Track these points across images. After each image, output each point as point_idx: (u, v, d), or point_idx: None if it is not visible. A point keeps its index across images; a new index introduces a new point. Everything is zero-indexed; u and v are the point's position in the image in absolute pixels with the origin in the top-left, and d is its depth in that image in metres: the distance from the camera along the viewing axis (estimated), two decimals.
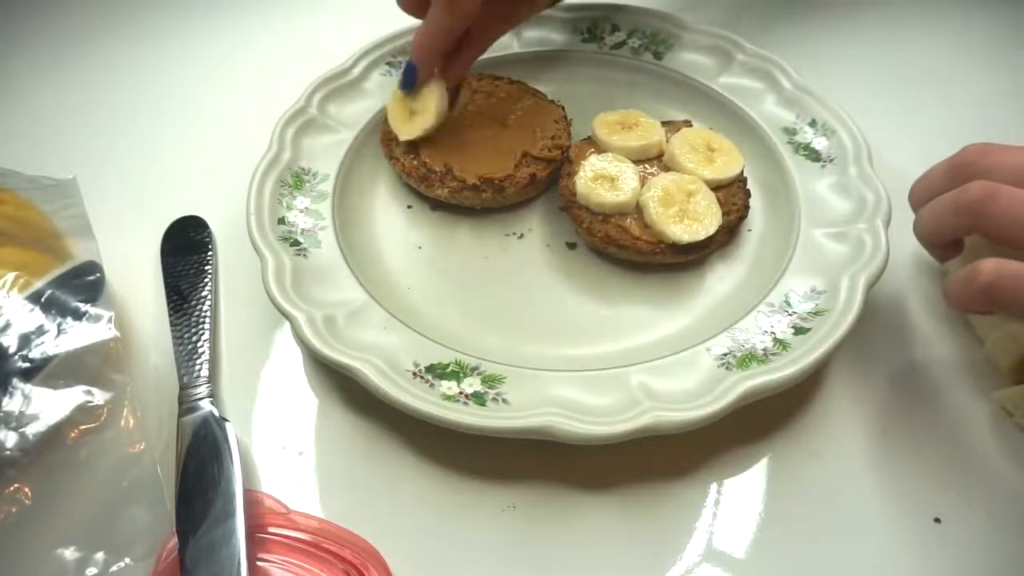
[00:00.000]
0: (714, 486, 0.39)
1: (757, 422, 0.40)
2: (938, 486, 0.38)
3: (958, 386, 0.42)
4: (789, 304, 0.42)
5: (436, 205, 0.49)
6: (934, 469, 0.39)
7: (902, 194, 0.42)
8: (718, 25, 0.56)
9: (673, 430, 0.36)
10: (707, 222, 0.44)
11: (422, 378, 0.39)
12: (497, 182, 0.47)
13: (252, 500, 0.37)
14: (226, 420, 0.39)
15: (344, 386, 0.42)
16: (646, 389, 0.38)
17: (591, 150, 0.48)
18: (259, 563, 0.35)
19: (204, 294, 0.45)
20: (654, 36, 0.56)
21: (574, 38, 0.57)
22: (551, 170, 0.49)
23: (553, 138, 0.50)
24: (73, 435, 0.37)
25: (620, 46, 0.57)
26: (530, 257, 0.47)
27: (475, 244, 0.47)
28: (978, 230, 0.36)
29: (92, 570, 0.34)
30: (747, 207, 0.47)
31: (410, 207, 0.49)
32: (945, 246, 0.40)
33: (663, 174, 0.46)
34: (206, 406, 0.39)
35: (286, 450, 0.40)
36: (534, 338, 0.42)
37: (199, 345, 0.42)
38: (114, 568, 0.34)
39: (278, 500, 0.38)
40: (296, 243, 0.44)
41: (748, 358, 0.39)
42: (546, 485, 0.39)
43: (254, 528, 0.36)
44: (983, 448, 0.39)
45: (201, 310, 0.44)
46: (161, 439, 0.39)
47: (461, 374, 0.39)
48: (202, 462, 0.37)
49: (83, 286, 0.40)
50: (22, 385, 0.37)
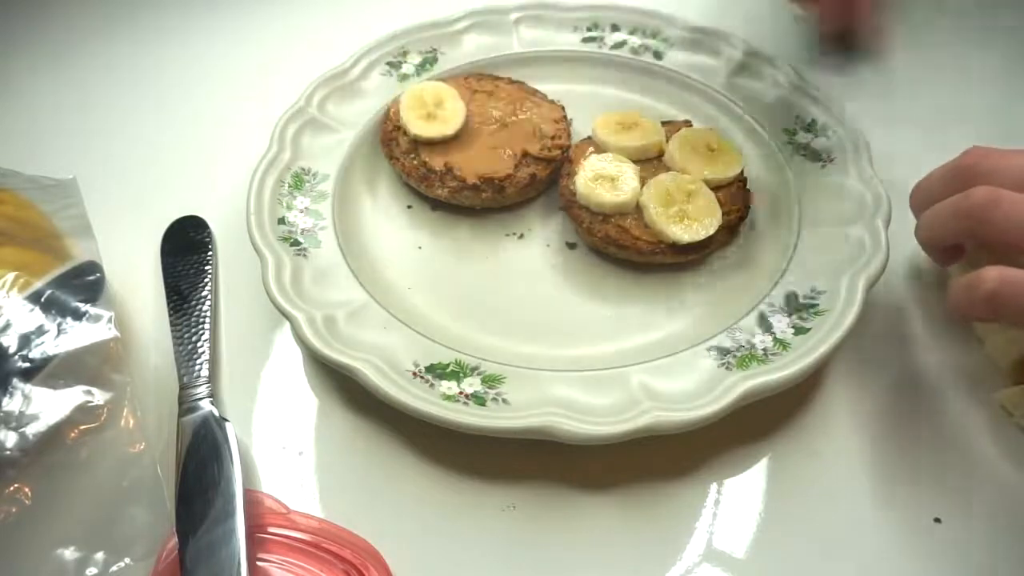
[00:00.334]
0: (714, 486, 0.39)
1: (757, 422, 0.40)
2: (938, 486, 0.38)
3: (958, 386, 0.42)
4: (789, 304, 0.42)
5: (436, 205, 0.49)
6: (934, 469, 0.39)
7: (902, 195, 0.42)
8: (718, 25, 0.56)
9: (673, 430, 0.36)
10: (707, 222, 0.44)
11: (422, 378, 0.39)
12: (497, 182, 0.47)
13: (252, 500, 0.37)
14: (226, 420, 0.39)
15: (344, 386, 0.42)
16: (646, 389, 0.38)
17: (591, 150, 0.48)
18: (259, 563, 0.35)
19: (204, 294, 0.45)
20: (654, 36, 0.56)
21: (574, 38, 0.57)
22: (551, 170, 0.49)
23: (553, 138, 0.50)
24: (73, 435, 0.37)
25: (620, 46, 0.57)
26: (530, 257, 0.47)
27: (475, 244, 0.47)
28: (980, 235, 0.35)
29: (92, 570, 0.34)
30: (747, 207, 0.47)
31: (410, 207, 0.49)
32: (946, 250, 0.39)
33: (663, 174, 0.46)
34: (206, 406, 0.39)
35: (286, 450, 0.40)
36: (534, 338, 0.42)
37: (199, 345, 0.42)
38: (114, 568, 0.34)
39: (278, 500, 0.38)
40: (296, 243, 0.44)
41: (748, 358, 0.39)
42: (546, 485, 0.39)
43: (254, 528, 0.36)
44: (983, 448, 0.39)
45: (201, 310, 0.44)
46: (161, 439, 0.39)
47: (461, 374, 0.39)
48: (202, 462, 0.37)
49: (83, 286, 0.40)
50: (22, 385, 0.37)
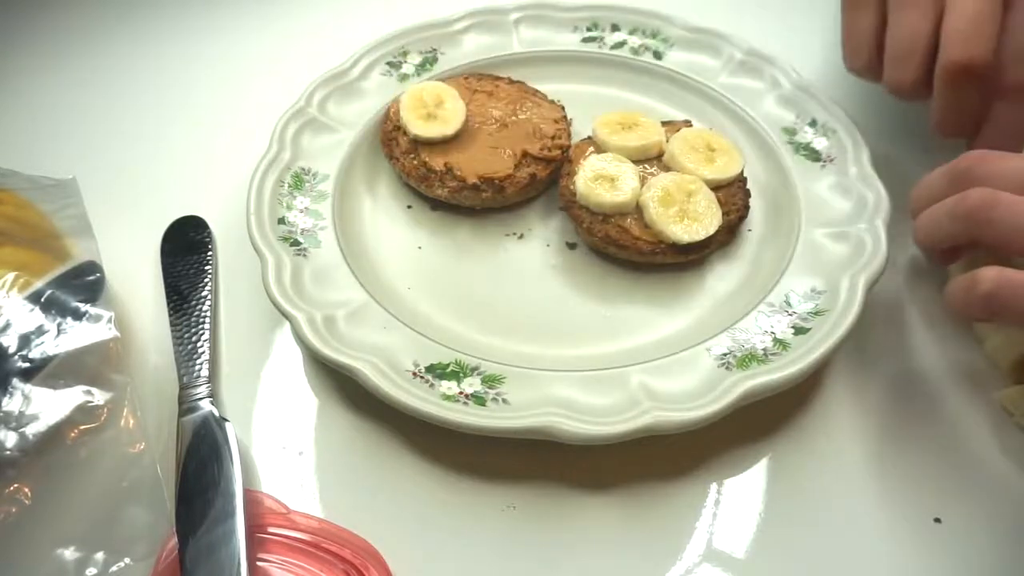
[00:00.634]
0: (714, 486, 0.39)
1: (757, 422, 0.40)
2: (938, 486, 0.38)
3: (958, 386, 0.42)
4: (789, 304, 0.42)
5: (436, 205, 0.49)
6: (934, 469, 0.39)
7: (902, 195, 0.42)
8: (719, 25, 0.56)
9: (673, 430, 0.36)
10: (707, 222, 0.44)
11: (422, 378, 0.39)
12: (497, 182, 0.47)
13: (252, 500, 0.37)
14: (226, 420, 0.39)
15: (344, 386, 0.42)
16: (646, 389, 0.38)
17: (591, 150, 0.48)
18: (259, 563, 0.35)
19: (204, 294, 0.45)
20: (654, 36, 0.56)
21: (574, 38, 0.57)
22: (551, 170, 0.49)
23: (553, 138, 0.50)
24: (73, 435, 0.37)
25: (620, 46, 0.57)
26: (530, 257, 0.47)
27: (475, 244, 0.47)
28: (977, 237, 0.36)
29: (92, 570, 0.34)
30: (747, 207, 0.47)
31: (410, 207, 0.49)
32: (944, 252, 0.40)
33: (663, 174, 0.46)
34: (206, 406, 0.39)
35: (286, 450, 0.40)
36: (534, 338, 0.42)
37: (199, 345, 0.42)
38: (114, 568, 0.34)
39: (278, 500, 0.38)
40: (296, 243, 0.44)
41: (748, 358, 0.39)
42: (546, 485, 0.39)
43: (254, 528, 0.36)
44: (983, 448, 0.39)
45: (201, 310, 0.44)
46: (161, 439, 0.39)
47: (461, 374, 0.39)
48: (202, 462, 0.37)
49: (83, 286, 0.40)
50: (22, 385, 0.37)
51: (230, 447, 0.37)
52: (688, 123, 0.51)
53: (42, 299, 0.39)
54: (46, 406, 0.36)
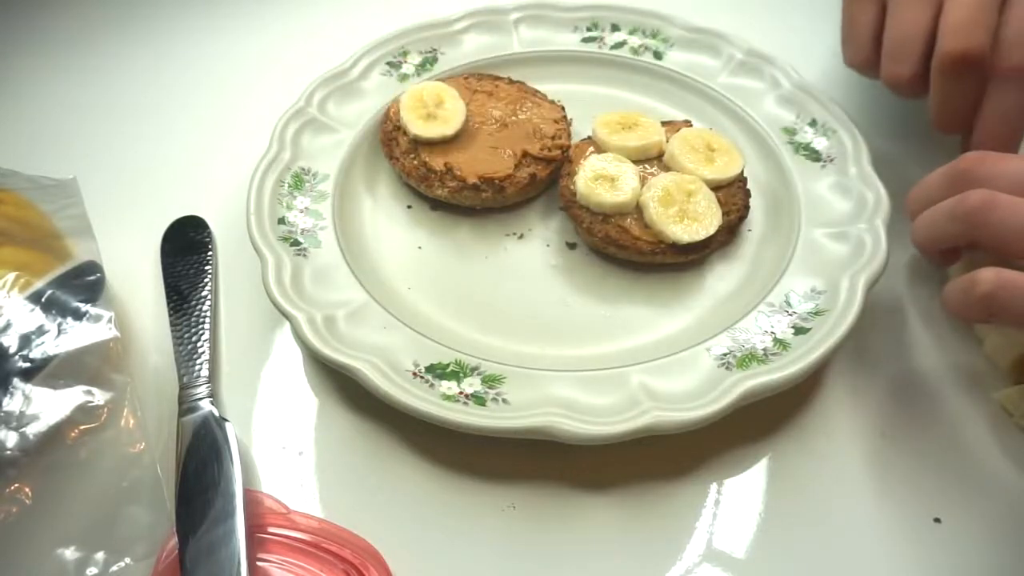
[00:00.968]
0: (714, 486, 0.39)
1: (757, 422, 0.40)
2: (938, 486, 0.38)
3: (958, 386, 0.42)
4: (789, 304, 0.42)
5: (436, 205, 0.49)
6: (934, 469, 0.39)
7: (902, 195, 0.42)
8: (719, 25, 0.56)
9: (673, 430, 0.36)
10: (707, 222, 0.44)
11: (422, 378, 0.39)
12: (497, 182, 0.47)
13: (252, 500, 0.37)
14: (226, 420, 0.39)
15: (344, 386, 0.42)
16: (646, 389, 0.38)
17: (591, 150, 0.48)
18: (259, 563, 0.35)
19: (204, 294, 0.45)
20: (654, 36, 0.57)
21: (574, 38, 0.57)
22: (551, 170, 0.49)
23: (553, 138, 0.50)
24: (73, 435, 0.37)
25: (620, 46, 0.57)
26: (530, 257, 0.47)
27: (475, 244, 0.47)
28: (976, 239, 0.36)
29: (92, 570, 0.34)
30: (747, 207, 0.47)
31: (410, 207, 0.49)
32: (942, 253, 0.40)
33: (663, 174, 0.46)
34: (206, 406, 0.39)
35: (286, 450, 0.40)
36: (534, 338, 0.42)
37: (199, 345, 0.42)
38: (114, 568, 0.34)
39: (278, 500, 0.38)
40: (296, 243, 0.44)
41: (748, 358, 0.39)
42: (546, 485, 0.39)
43: (254, 528, 0.36)
44: (983, 448, 0.39)
45: (201, 310, 0.44)
46: (161, 439, 0.39)
47: (461, 374, 0.39)
48: (202, 462, 0.37)
49: (83, 286, 0.40)
50: (22, 385, 0.37)
51: (230, 447, 0.37)
52: (688, 123, 0.51)
53: (42, 299, 0.39)
54: (46, 406, 0.37)
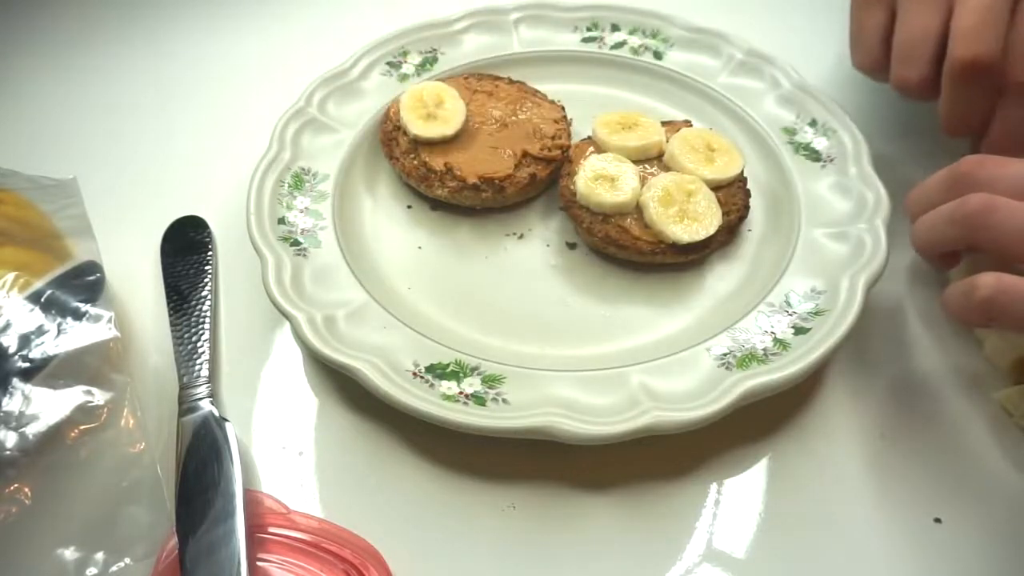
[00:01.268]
0: (714, 486, 0.39)
1: (757, 422, 0.40)
2: (938, 486, 0.38)
3: (958, 386, 0.42)
4: (789, 304, 0.42)
5: (436, 205, 0.49)
6: (934, 469, 0.39)
7: (902, 195, 0.42)
8: (719, 25, 0.56)
9: (673, 430, 0.36)
10: (707, 222, 0.44)
11: (422, 378, 0.39)
12: (497, 182, 0.47)
13: (252, 500, 0.37)
14: (226, 420, 0.39)
15: (344, 386, 0.42)
16: (646, 389, 0.38)
17: (591, 150, 0.48)
18: (259, 563, 0.35)
19: (204, 294, 0.45)
20: (654, 36, 0.57)
21: (574, 38, 0.57)
22: (551, 170, 0.49)
23: (553, 138, 0.50)
24: (73, 435, 0.37)
25: (620, 46, 0.57)
26: (530, 257, 0.47)
27: (475, 244, 0.47)
28: (976, 242, 0.35)
29: (92, 570, 0.34)
30: (747, 207, 0.47)
31: (410, 207, 0.49)
32: (942, 256, 0.39)
33: (663, 174, 0.46)
34: (206, 406, 0.39)
35: (286, 450, 0.40)
36: (534, 338, 0.42)
37: (199, 345, 0.42)
38: (114, 568, 0.34)
39: (278, 500, 0.38)
40: (296, 243, 0.44)
41: (748, 358, 0.39)
42: (546, 485, 0.39)
43: (254, 528, 0.36)
44: (983, 448, 0.39)
45: (201, 310, 0.44)
46: (161, 439, 0.39)
47: (461, 374, 0.39)
48: (202, 462, 0.37)
49: (83, 286, 0.40)
50: (22, 385, 0.37)
51: (230, 447, 0.37)
52: (688, 123, 0.51)
53: (42, 299, 0.39)
54: (46, 406, 0.37)
